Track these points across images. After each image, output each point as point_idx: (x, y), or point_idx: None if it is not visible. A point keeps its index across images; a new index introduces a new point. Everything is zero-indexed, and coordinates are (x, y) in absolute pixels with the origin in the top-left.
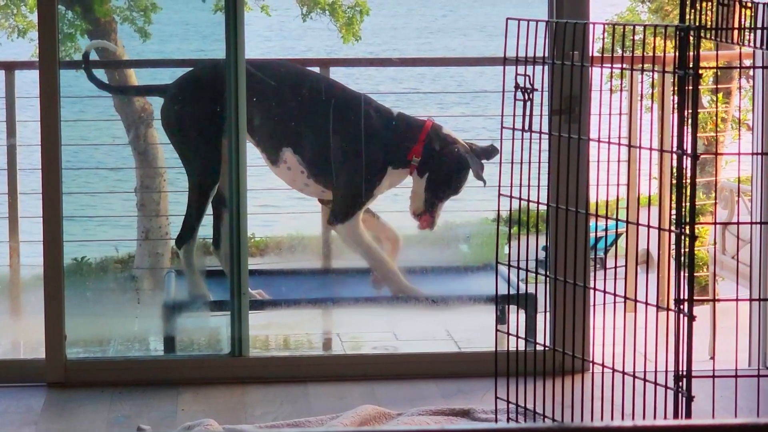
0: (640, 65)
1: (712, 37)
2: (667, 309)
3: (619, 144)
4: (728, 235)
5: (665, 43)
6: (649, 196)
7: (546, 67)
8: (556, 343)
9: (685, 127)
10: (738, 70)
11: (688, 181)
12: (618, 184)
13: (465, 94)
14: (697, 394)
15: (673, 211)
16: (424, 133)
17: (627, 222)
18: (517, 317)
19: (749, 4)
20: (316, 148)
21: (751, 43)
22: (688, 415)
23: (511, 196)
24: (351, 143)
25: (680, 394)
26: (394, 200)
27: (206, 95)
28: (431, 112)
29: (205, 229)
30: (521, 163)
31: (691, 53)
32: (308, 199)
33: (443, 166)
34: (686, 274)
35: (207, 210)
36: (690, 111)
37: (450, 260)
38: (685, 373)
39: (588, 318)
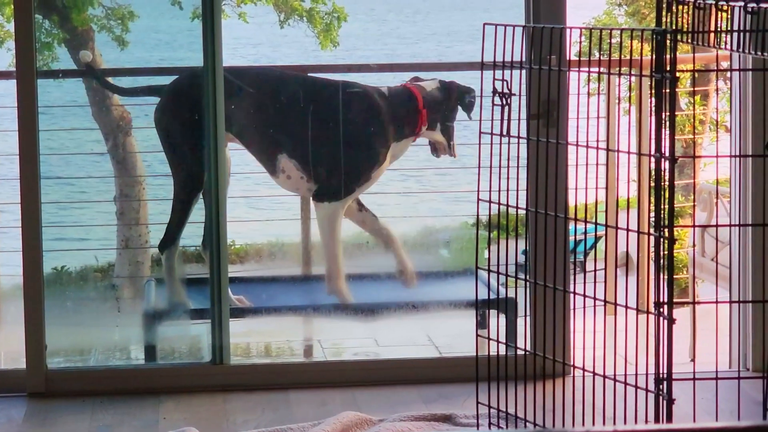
0: (618, 69)
1: (689, 41)
2: (647, 312)
3: (598, 148)
4: (707, 238)
5: (642, 46)
6: (628, 199)
7: (524, 72)
8: (537, 348)
9: (663, 130)
10: (715, 72)
11: (667, 183)
12: (597, 188)
13: None
14: (678, 397)
15: (652, 214)
16: (420, 102)
17: (606, 225)
18: (497, 322)
19: (725, 7)
20: (311, 148)
21: (728, 46)
22: (669, 418)
23: (490, 201)
24: (345, 132)
25: (661, 397)
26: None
27: (200, 100)
28: None
29: (189, 237)
30: (500, 167)
31: (668, 56)
32: (289, 204)
33: (452, 110)
34: (666, 277)
35: (189, 217)
36: (668, 114)
37: (430, 265)
38: (665, 375)
39: (568, 322)
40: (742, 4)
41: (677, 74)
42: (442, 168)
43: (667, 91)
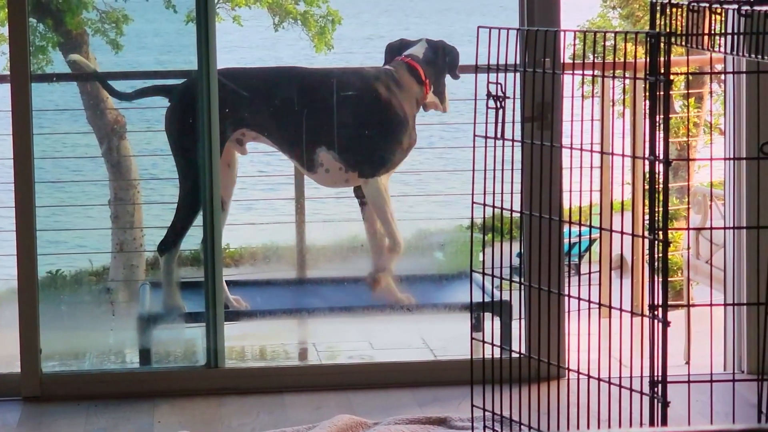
0: (612, 71)
1: (683, 43)
2: (642, 315)
3: (592, 150)
4: (702, 240)
5: (636, 49)
6: (622, 202)
7: (518, 75)
8: (532, 351)
9: (657, 133)
10: (709, 75)
11: (661, 186)
12: (591, 191)
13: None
14: (672, 400)
15: (647, 217)
16: (422, 73)
17: (600, 228)
18: (492, 325)
19: (719, 10)
20: (347, 137)
21: (722, 49)
22: (664, 421)
23: (484, 204)
24: (376, 116)
25: (656, 400)
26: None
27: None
28: None
29: (184, 240)
30: (494, 170)
31: (662, 59)
32: (283, 208)
33: (442, 70)
34: (660, 280)
35: (195, 222)
36: (662, 116)
37: (425, 268)
38: (660, 378)
39: (563, 325)
40: (736, 6)
41: (671, 77)
42: (437, 171)
43: (662, 93)
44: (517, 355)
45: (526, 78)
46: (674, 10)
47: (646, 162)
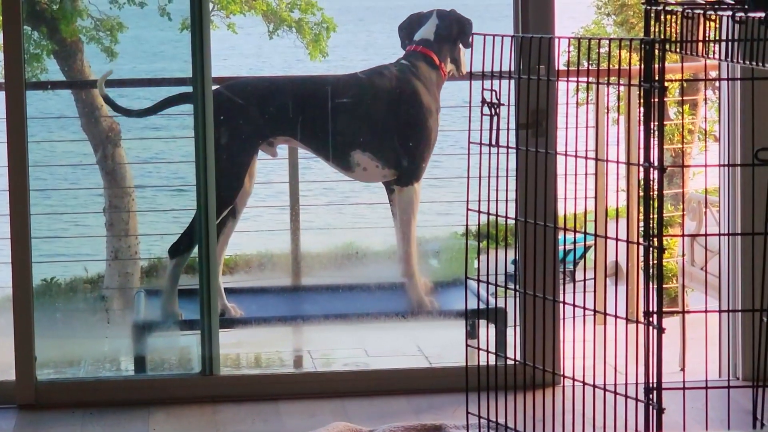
0: (607, 78)
1: (677, 50)
2: (637, 321)
3: (587, 157)
4: (697, 247)
5: (630, 55)
6: (617, 209)
7: (512, 82)
8: (527, 357)
9: (652, 140)
10: (704, 82)
11: (656, 193)
12: (586, 197)
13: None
14: (667, 406)
15: (641, 224)
16: (435, 58)
17: (596, 235)
18: (487, 332)
19: (713, 17)
20: (381, 138)
21: (716, 55)
22: (659, 428)
23: (479, 211)
24: (406, 113)
25: (651, 407)
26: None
27: (249, 108)
28: None
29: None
30: (489, 177)
31: (657, 66)
32: (279, 215)
33: (455, 41)
34: (655, 286)
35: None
36: (656, 123)
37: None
38: (655, 385)
39: (558, 331)
40: (731, 13)
41: (666, 84)
42: (432, 178)
43: (656, 100)
44: (512, 362)
45: (521, 85)
46: (669, 16)
47: (641, 169)
